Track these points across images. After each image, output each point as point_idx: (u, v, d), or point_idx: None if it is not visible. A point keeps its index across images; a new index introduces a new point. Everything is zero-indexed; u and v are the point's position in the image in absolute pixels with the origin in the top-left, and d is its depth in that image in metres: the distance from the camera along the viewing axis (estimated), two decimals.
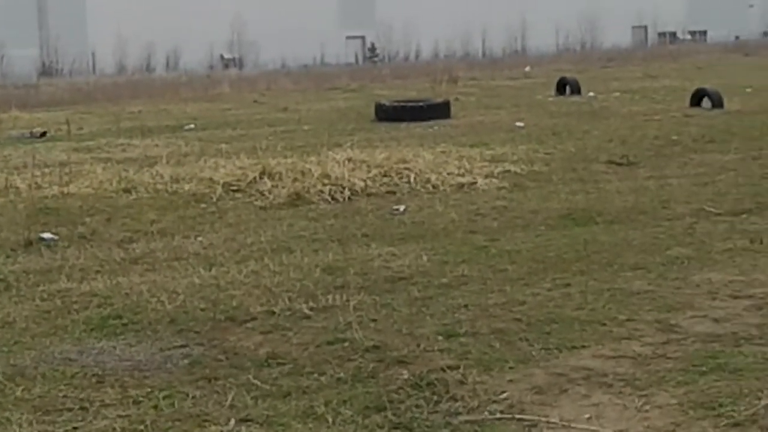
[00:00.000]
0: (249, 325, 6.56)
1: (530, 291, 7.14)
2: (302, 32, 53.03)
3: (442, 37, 58.11)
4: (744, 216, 9.52)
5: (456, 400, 5.13)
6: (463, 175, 12.06)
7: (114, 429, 4.92)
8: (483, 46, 60.67)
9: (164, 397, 5.30)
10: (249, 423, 4.94)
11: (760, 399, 4.90)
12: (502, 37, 60.44)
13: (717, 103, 19.58)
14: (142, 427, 4.94)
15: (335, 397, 5.20)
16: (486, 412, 4.97)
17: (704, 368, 5.42)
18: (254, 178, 11.88)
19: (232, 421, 4.95)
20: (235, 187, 11.73)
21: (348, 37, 58.46)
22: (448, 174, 12.07)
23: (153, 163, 13.81)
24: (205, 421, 4.99)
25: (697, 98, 20.15)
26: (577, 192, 11.09)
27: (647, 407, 4.94)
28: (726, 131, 15.73)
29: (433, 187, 11.57)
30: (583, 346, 5.89)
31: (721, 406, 4.87)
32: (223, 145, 15.67)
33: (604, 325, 6.29)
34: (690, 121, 17.57)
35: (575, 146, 14.69)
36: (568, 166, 12.89)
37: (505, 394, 5.17)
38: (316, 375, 5.55)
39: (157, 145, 16.80)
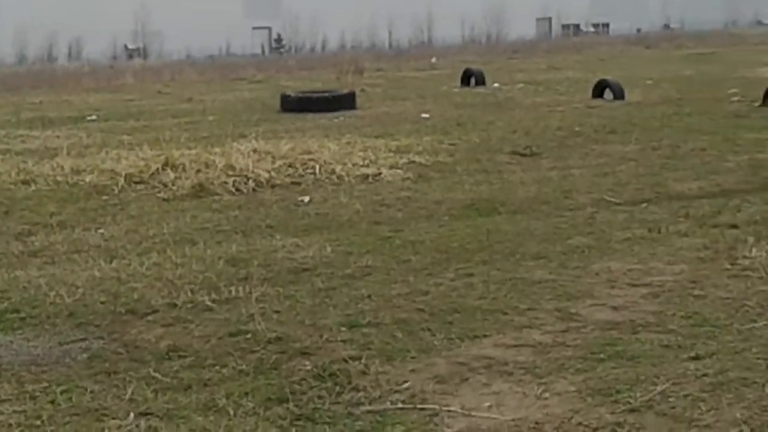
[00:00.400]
0: (150, 317, 6.48)
1: (433, 281, 7.17)
2: (208, 22, 52.54)
3: (349, 28, 58.11)
4: (643, 205, 9.67)
5: (358, 391, 5.13)
6: (368, 166, 12.07)
7: (9, 425, 4.83)
8: (390, 38, 60.80)
9: (62, 392, 5.21)
10: (149, 417, 4.88)
11: (656, 385, 4.99)
12: (409, 28, 60.64)
13: (618, 94, 19.89)
14: (38, 422, 4.85)
15: (237, 390, 5.17)
16: (388, 402, 4.98)
17: (602, 356, 5.50)
18: (157, 169, 11.74)
19: (131, 415, 4.89)
20: (137, 179, 11.58)
21: (254, 28, 58.13)
22: (353, 165, 12.07)
23: (53, 154, 13.57)
24: (104, 415, 4.92)
25: (599, 90, 20.45)
26: (480, 182, 11.17)
27: (546, 395, 4.99)
28: (627, 122, 15.97)
29: (338, 178, 11.56)
30: (485, 335, 5.94)
31: (618, 392, 4.95)
32: (126, 137, 15.47)
33: (506, 314, 6.34)
34: (592, 112, 17.82)
35: (480, 137, 14.80)
36: (472, 157, 12.97)
37: (406, 384, 5.19)
38: (217, 367, 5.51)
39: (58, 137, 16.53)
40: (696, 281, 6.93)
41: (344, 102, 19.69)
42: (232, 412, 4.89)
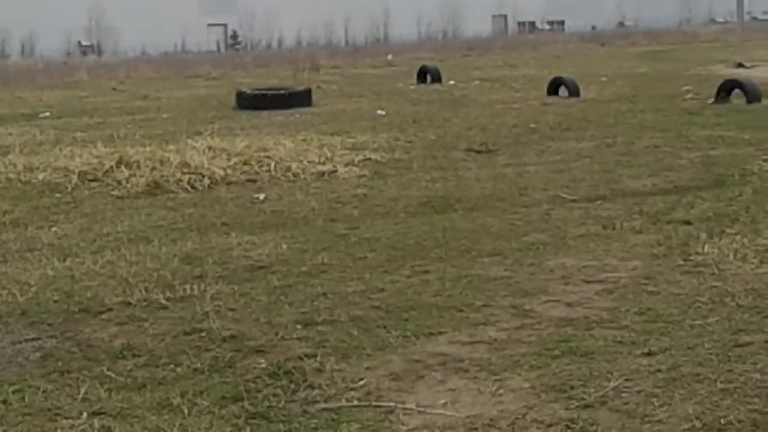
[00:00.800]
0: (104, 316, 6.44)
1: (389, 278, 7.17)
2: (163, 19, 52.25)
3: (305, 24, 57.98)
4: (598, 202, 9.72)
5: (313, 389, 5.12)
6: (323, 164, 12.06)
7: None
8: (346, 34, 60.76)
9: (14, 392, 5.16)
10: (102, 416, 4.85)
11: (609, 381, 5.02)
12: (365, 25, 60.63)
13: (573, 91, 19.99)
14: None
15: (191, 388, 5.14)
16: (343, 400, 4.97)
17: (557, 352, 5.53)
18: (111, 167, 11.66)
19: (84, 415, 4.85)
20: (91, 177, 11.50)
21: (210, 25, 57.87)
22: (309, 162, 12.05)
23: (6, 152, 13.45)
24: (57, 415, 4.88)
25: (554, 87, 20.54)
26: (436, 180, 11.19)
27: (501, 391, 5.01)
28: (582, 119, 16.06)
29: (294, 175, 11.54)
30: (440, 332, 5.95)
31: (572, 388, 4.97)
32: (80, 134, 15.36)
33: (461, 311, 6.36)
34: (548, 109, 17.90)
35: (435, 134, 14.82)
36: (428, 154, 12.99)
37: (362, 382, 5.19)
38: (172, 366, 5.48)
39: (10, 134, 16.36)
40: (649, 277, 6.98)
41: (300, 99, 19.65)
42: (186, 411, 4.87)
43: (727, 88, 17.98)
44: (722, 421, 4.50)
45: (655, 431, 4.48)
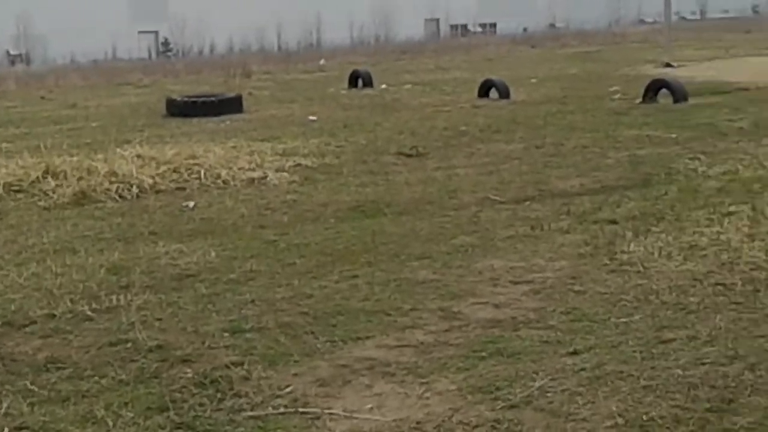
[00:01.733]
0: (28, 329, 6.35)
1: (318, 284, 7.16)
2: (92, 26, 51.71)
3: (237, 31, 57.71)
4: (527, 203, 9.79)
5: (240, 397, 5.10)
6: (253, 170, 12.00)
7: None
8: (278, 40, 60.58)
9: None
10: (24, 431, 4.78)
11: (535, 381, 5.06)
12: (297, 30, 60.50)
13: (504, 93, 20.11)
14: None
15: (116, 400, 5.09)
16: (270, 407, 4.96)
17: (484, 353, 5.56)
18: (37, 177, 11.50)
19: (6, 430, 4.78)
20: (16, 188, 11.33)
21: (140, 32, 57.37)
22: (239, 169, 11.99)
23: None
24: None
25: (485, 89, 20.64)
26: (367, 184, 11.20)
27: (428, 394, 5.03)
28: (512, 121, 16.16)
29: (224, 182, 11.47)
30: (368, 337, 5.95)
31: (498, 389, 5.00)
32: (5, 145, 15.12)
33: (389, 315, 6.37)
34: (478, 111, 17.97)
35: (366, 138, 14.83)
36: (358, 159, 12.99)
37: (289, 388, 5.18)
38: (96, 378, 5.42)
39: None
40: (576, 277, 7.05)
41: (231, 105, 19.53)
42: (111, 423, 4.82)
43: (654, 88, 18.20)
44: (644, 417, 4.55)
45: (578, 429, 4.52)
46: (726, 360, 5.18)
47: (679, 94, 17.74)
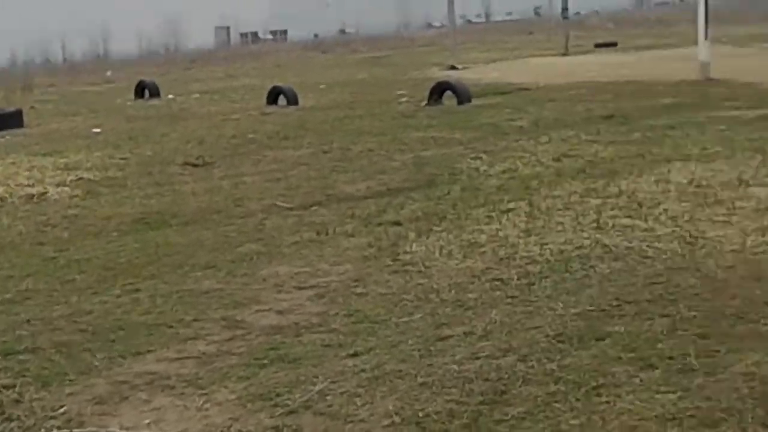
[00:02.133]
0: None
1: (98, 299, 6.98)
2: None
3: (20, 43, 55.98)
4: (313, 209, 9.82)
5: (11, 420, 4.90)
6: (33, 186, 11.65)
7: None
8: (63, 52, 59.10)
9: None
10: None
11: (315, 385, 5.05)
12: (84, 42, 59.14)
13: (292, 100, 20.17)
14: None
15: None
16: (42, 430, 4.79)
17: (265, 361, 5.52)
18: None
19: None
20: None
21: None
22: (17, 185, 11.62)
23: None
24: None
25: (273, 96, 20.66)
26: (152, 196, 11.02)
27: (207, 405, 4.95)
28: (299, 127, 16.21)
29: (1, 200, 11.08)
30: (149, 351, 5.83)
31: (278, 395, 4.97)
32: None
33: (171, 327, 6.25)
34: (266, 119, 17.97)
35: (152, 150, 14.60)
36: (143, 170, 12.78)
37: (63, 409, 5.01)
38: None
39: None
40: (359, 279, 7.09)
41: (10, 121, 18.94)
42: None
43: (439, 91, 18.60)
44: (420, 414, 4.60)
45: (356, 431, 4.53)
46: (500, 353, 5.29)
47: (463, 96, 18.17)
